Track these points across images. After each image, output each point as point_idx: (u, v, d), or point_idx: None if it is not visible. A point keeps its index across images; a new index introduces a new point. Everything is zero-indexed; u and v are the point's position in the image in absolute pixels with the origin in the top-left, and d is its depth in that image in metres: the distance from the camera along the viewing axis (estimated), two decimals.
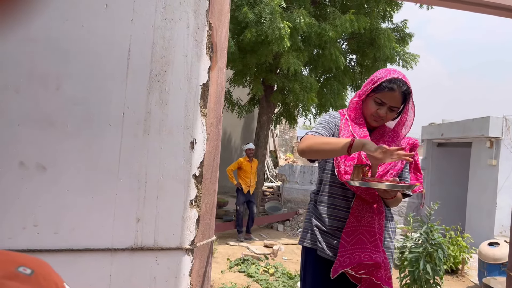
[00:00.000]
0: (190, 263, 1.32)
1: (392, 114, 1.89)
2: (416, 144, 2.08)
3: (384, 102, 1.82)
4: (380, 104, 1.83)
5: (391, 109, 1.84)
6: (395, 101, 1.81)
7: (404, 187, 1.75)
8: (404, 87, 1.80)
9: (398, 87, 1.79)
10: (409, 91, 1.82)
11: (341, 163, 1.87)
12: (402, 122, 1.95)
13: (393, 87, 1.78)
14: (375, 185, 1.70)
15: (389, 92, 1.79)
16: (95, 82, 1.22)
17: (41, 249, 1.18)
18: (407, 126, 1.96)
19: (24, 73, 1.16)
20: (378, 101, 1.83)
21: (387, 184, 1.70)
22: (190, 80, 1.30)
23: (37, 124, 1.18)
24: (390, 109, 1.84)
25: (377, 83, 1.82)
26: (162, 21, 1.27)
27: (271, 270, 5.94)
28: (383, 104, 1.82)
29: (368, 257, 1.81)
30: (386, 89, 1.80)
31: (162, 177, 1.28)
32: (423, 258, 4.82)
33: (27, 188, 1.17)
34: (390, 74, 1.82)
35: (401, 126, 1.96)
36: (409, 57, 9.03)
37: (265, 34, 7.19)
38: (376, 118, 1.90)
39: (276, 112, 10.72)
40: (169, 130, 1.28)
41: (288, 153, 20.35)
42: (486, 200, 8.46)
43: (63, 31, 1.20)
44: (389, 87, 1.79)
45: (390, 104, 1.81)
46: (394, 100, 1.81)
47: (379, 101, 1.83)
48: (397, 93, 1.80)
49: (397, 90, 1.79)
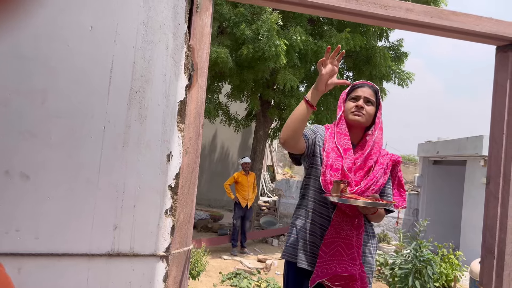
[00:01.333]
0: (165, 270, 1.39)
1: (370, 108, 2.07)
2: (399, 161, 2.17)
3: (358, 96, 2.07)
4: (356, 99, 2.08)
5: (367, 100, 2.07)
6: (368, 93, 2.08)
7: (381, 205, 1.83)
8: (373, 87, 2.12)
9: (366, 85, 2.12)
10: (376, 88, 2.13)
11: (327, 172, 1.96)
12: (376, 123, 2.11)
13: (362, 84, 2.12)
14: (353, 201, 1.77)
15: (359, 88, 2.10)
16: (79, 97, 1.31)
17: (22, 253, 1.26)
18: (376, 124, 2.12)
19: (12, 88, 1.25)
20: (353, 97, 2.09)
21: (364, 201, 1.78)
22: (168, 97, 1.40)
23: (22, 135, 1.26)
24: (367, 100, 2.07)
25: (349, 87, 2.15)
26: (143, 42, 1.37)
27: (263, 284, 5.96)
28: (358, 97, 2.07)
29: (343, 269, 1.88)
30: (356, 86, 2.12)
31: (139, 187, 1.36)
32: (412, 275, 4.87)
33: (10, 195, 1.25)
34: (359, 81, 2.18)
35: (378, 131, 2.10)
36: (404, 75, 9.18)
37: (262, 51, 7.35)
38: (356, 111, 2.07)
39: (273, 127, 10.83)
40: (147, 143, 1.37)
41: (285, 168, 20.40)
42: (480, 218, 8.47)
43: (51, 50, 1.29)
44: (359, 85, 2.12)
45: (364, 95, 2.06)
46: (367, 92, 2.08)
47: (354, 96, 2.09)
48: (366, 88, 2.09)
49: (366, 86, 2.11)
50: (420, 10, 1.78)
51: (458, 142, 9.36)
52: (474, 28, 1.84)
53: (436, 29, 1.83)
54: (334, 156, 1.99)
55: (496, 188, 1.93)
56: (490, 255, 1.95)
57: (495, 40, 1.94)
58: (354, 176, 1.99)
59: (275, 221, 10.94)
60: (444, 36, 1.90)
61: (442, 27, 1.81)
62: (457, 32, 1.86)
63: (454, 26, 1.82)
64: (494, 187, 1.94)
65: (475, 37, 1.91)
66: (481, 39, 1.92)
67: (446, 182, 10.80)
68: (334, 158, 1.98)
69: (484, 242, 2.00)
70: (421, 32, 1.87)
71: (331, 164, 1.97)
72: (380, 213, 2.05)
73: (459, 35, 1.89)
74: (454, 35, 1.88)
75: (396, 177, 2.21)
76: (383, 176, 2.07)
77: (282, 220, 11.53)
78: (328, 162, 1.97)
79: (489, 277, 1.92)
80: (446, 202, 10.45)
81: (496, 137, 1.95)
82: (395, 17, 1.76)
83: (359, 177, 2.00)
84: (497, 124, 1.95)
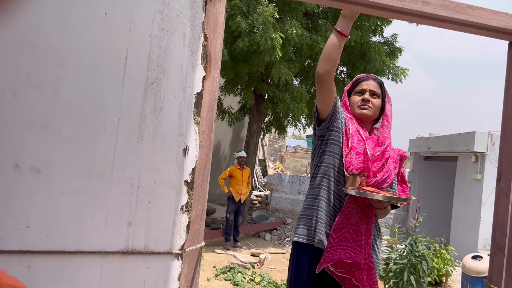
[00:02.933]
0: (179, 268, 1.35)
1: (376, 101, 2.05)
2: (405, 156, 2.14)
3: (364, 89, 2.05)
4: (361, 93, 2.06)
5: (373, 93, 2.05)
6: (373, 86, 2.06)
7: (400, 199, 1.78)
8: (377, 79, 2.10)
9: (371, 78, 2.10)
10: (380, 80, 2.11)
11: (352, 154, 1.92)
12: (387, 114, 2.10)
13: (366, 77, 2.10)
14: (371, 195, 1.73)
15: (364, 81, 2.08)
16: (92, 88, 1.25)
17: (32, 250, 1.20)
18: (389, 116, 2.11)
19: (22, 78, 1.19)
20: (359, 91, 2.07)
21: (384, 195, 1.73)
22: (185, 89, 1.34)
23: (33, 127, 1.20)
24: (372, 93, 2.05)
25: (353, 81, 2.13)
26: (159, 31, 1.31)
27: (257, 279, 5.94)
28: (364, 91, 2.05)
29: (348, 255, 1.82)
30: (361, 79, 2.10)
31: (155, 182, 1.31)
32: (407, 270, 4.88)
33: (21, 190, 1.19)
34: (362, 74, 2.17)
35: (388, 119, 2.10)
36: (398, 71, 9.19)
37: (257, 44, 7.27)
38: (363, 104, 2.04)
39: (266, 121, 10.79)
40: (163, 137, 1.32)
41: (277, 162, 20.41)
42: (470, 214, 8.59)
43: (62, 37, 1.23)
44: (363, 78, 2.10)
45: (370, 88, 2.05)
46: (372, 85, 2.06)
47: (359, 90, 2.07)
48: (371, 81, 2.07)
49: (370, 79, 2.08)
50: (437, 3, 1.75)
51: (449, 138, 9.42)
52: (490, 22, 1.81)
53: (452, 23, 1.80)
54: (356, 140, 1.95)
55: (507, 185, 1.92)
56: (500, 252, 1.93)
57: (509, 35, 1.92)
58: (372, 166, 1.94)
59: (268, 216, 10.92)
60: (458, 30, 1.87)
61: (458, 21, 1.78)
62: (472, 26, 1.83)
63: (470, 20, 1.79)
64: (505, 184, 1.93)
65: (489, 32, 1.89)
66: (495, 34, 1.89)
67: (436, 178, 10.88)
68: (357, 141, 1.94)
69: (493, 239, 1.99)
70: (437, 26, 1.84)
71: (355, 146, 1.93)
72: (387, 209, 2.02)
73: (473, 30, 1.87)
74: (469, 29, 1.85)
75: (399, 173, 2.19)
76: (393, 170, 2.05)
77: (274, 214, 11.52)
78: (353, 144, 1.93)
79: (499, 274, 1.91)
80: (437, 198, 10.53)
81: (508, 133, 1.93)
82: (411, 10, 1.72)
83: (376, 168, 1.96)
84: (509, 120, 1.93)
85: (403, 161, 2.16)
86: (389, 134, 2.05)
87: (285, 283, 5.82)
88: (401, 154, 2.12)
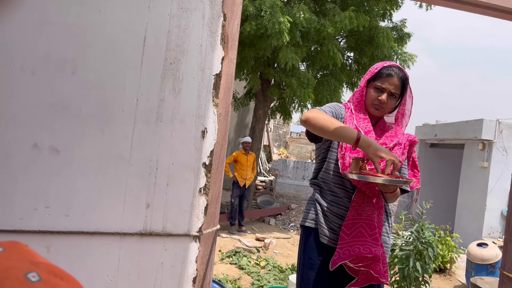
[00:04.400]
0: (197, 250, 1.35)
1: (392, 102, 1.95)
2: (415, 141, 2.11)
3: (384, 88, 1.90)
4: (380, 91, 1.91)
5: (391, 94, 1.91)
6: (394, 86, 1.90)
7: (401, 182, 1.77)
8: (401, 73, 1.92)
9: (396, 73, 1.90)
10: (406, 77, 1.94)
11: (346, 155, 1.89)
12: (401, 112, 2.00)
13: (391, 72, 1.90)
14: (373, 179, 1.72)
15: (388, 77, 1.90)
16: (110, 68, 1.23)
17: (52, 230, 1.20)
18: (406, 115, 2.00)
19: (41, 56, 1.17)
20: (378, 88, 1.92)
21: (385, 178, 1.72)
22: (204, 69, 1.32)
23: (52, 107, 1.19)
24: (391, 94, 1.91)
25: (377, 71, 1.93)
26: (178, 9, 1.28)
27: (262, 263, 5.99)
28: (383, 90, 1.90)
29: (368, 250, 1.83)
30: (384, 75, 1.90)
31: (173, 164, 1.30)
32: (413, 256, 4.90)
33: (39, 170, 1.18)
34: (387, 64, 1.95)
35: (400, 117, 2.00)
36: (406, 57, 9.10)
37: (264, 28, 7.19)
38: (377, 106, 1.95)
39: (271, 106, 10.74)
40: (181, 118, 1.30)
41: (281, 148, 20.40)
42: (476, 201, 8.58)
43: (81, 15, 1.20)
44: (388, 73, 1.90)
45: (390, 89, 1.90)
46: (394, 84, 1.90)
47: (379, 87, 1.91)
48: (395, 78, 1.90)
49: (395, 75, 1.89)
50: None
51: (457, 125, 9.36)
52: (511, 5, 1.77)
53: (471, 5, 1.76)
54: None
55: None
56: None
57: None
58: None
59: (272, 201, 10.97)
60: (479, 13, 1.83)
61: (479, 3, 1.74)
62: (493, 9, 1.78)
63: (492, 3, 1.75)
64: None
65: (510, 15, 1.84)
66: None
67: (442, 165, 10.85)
68: None
69: (508, 226, 1.98)
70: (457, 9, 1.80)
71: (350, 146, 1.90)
72: (396, 192, 2.01)
73: (494, 13, 1.82)
74: (491, 12, 1.81)
75: (411, 158, 2.16)
76: (401, 156, 2.02)
77: (279, 199, 11.56)
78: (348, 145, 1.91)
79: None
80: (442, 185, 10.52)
81: None
82: None
83: None
84: None
85: (413, 146, 2.12)
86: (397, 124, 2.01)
87: (290, 267, 5.86)
88: (410, 139, 2.08)
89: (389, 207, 2.14)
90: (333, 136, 1.78)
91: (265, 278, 5.23)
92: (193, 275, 1.36)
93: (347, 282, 1.91)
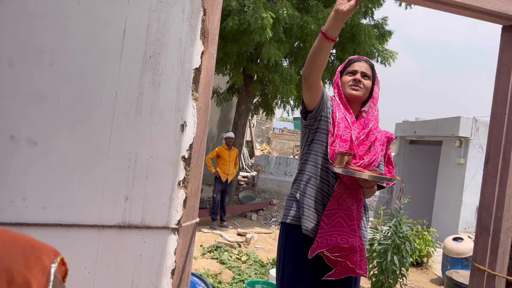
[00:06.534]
0: (176, 242, 1.36)
1: (367, 82, 2.08)
2: (392, 138, 2.18)
3: (355, 70, 2.07)
4: (353, 74, 2.08)
5: (364, 74, 2.07)
6: (365, 67, 2.08)
7: (386, 179, 1.83)
8: (368, 61, 2.14)
9: (363, 60, 2.12)
10: (371, 63, 2.14)
11: (336, 142, 1.93)
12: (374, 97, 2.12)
13: (358, 59, 2.12)
14: (358, 174, 1.76)
15: (356, 62, 2.10)
16: (89, 60, 1.23)
17: (29, 223, 1.20)
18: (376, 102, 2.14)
19: (18, 47, 1.16)
20: (351, 72, 2.09)
21: (370, 175, 1.77)
22: (183, 64, 1.33)
23: (29, 99, 1.18)
24: (363, 75, 2.07)
25: (346, 61, 2.16)
26: (158, 3, 1.29)
27: (243, 257, 6.02)
28: (355, 72, 2.07)
29: (344, 240, 1.87)
30: (353, 61, 2.11)
31: (152, 157, 1.31)
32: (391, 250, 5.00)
33: (16, 162, 1.18)
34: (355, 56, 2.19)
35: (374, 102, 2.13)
36: (387, 54, 9.21)
37: (247, 23, 7.20)
38: (354, 85, 2.07)
39: (254, 102, 10.76)
40: (161, 112, 1.31)
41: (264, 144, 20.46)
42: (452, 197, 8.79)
43: (59, 7, 1.20)
44: (355, 60, 2.12)
45: (361, 70, 2.06)
46: (364, 66, 2.08)
47: (351, 71, 2.09)
48: (363, 62, 2.10)
49: (363, 60, 2.11)
50: None
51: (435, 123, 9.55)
52: (485, 6, 1.83)
53: (446, 4, 1.81)
54: (343, 127, 1.97)
55: (495, 167, 1.96)
56: (485, 232, 1.99)
57: (503, 19, 1.93)
58: (358, 150, 1.98)
59: (254, 196, 11.01)
60: (453, 13, 1.88)
61: (453, 3, 1.79)
62: (468, 9, 1.84)
63: (465, 3, 1.80)
64: (493, 166, 1.97)
65: (484, 15, 1.90)
66: (489, 17, 1.91)
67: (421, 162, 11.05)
68: (343, 129, 1.96)
69: (479, 220, 2.04)
70: (431, 8, 1.84)
71: (341, 134, 1.95)
72: (373, 188, 2.06)
73: (468, 12, 1.88)
74: (464, 12, 1.86)
75: (386, 154, 2.22)
76: (381, 152, 2.08)
77: (261, 195, 11.61)
78: (339, 132, 1.95)
79: (483, 254, 1.97)
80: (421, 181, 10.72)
81: (497, 117, 1.97)
82: None
83: (362, 151, 1.99)
84: (500, 104, 1.96)
85: (390, 143, 2.19)
86: (374, 117, 2.07)
87: (271, 261, 5.92)
88: (388, 136, 2.15)
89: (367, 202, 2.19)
90: (313, 49, 1.81)
91: (246, 272, 5.26)
92: (172, 267, 1.38)
93: (325, 274, 1.94)
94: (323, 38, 1.74)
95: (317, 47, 1.80)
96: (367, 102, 2.10)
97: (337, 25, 1.72)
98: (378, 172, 1.90)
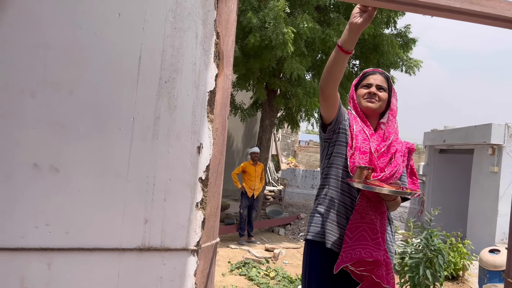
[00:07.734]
0: (195, 264, 1.37)
1: (383, 94, 2.06)
2: (413, 149, 2.14)
3: (370, 83, 2.06)
4: (368, 87, 2.07)
5: (379, 87, 2.05)
6: (380, 80, 2.07)
7: (406, 194, 1.80)
8: (383, 73, 2.12)
9: (377, 72, 2.11)
10: (387, 74, 2.13)
11: (355, 155, 1.92)
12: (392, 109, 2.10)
13: (373, 72, 2.11)
14: (378, 189, 1.74)
15: (371, 75, 2.09)
16: (107, 88, 1.27)
17: (52, 247, 1.23)
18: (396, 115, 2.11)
19: (39, 79, 1.21)
20: (365, 85, 2.08)
21: (389, 190, 1.75)
22: (198, 87, 1.35)
23: (51, 127, 1.23)
24: (379, 87, 2.05)
25: (360, 75, 2.15)
26: (172, 30, 1.32)
27: (271, 273, 5.97)
28: (370, 85, 2.06)
29: (368, 254, 1.84)
30: (367, 74, 2.11)
31: (170, 180, 1.33)
32: (423, 264, 4.85)
33: (40, 189, 1.22)
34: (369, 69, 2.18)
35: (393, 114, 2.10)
36: (412, 63, 9.09)
37: (268, 39, 7.27)
38: (369, 98, 2.05)
39: (278, 116, 10.77)
40: (177, 135, 1.33)
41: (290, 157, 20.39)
42: (487, 207, 8.48)
43: (77, 38, 1.25)
44: (370, 72, 2.12)
45: (376, 83, 2.05)
46: (378, 79, 2.07)
47: (365, 84, 2.08)
48: (378, 75, 2.09)
49: (377, 73, 2.10)
50: None
51: (465, 131, 9.30)
52: (505, 13, 1.78)
53: (466, 14, 1.77)
54: (361, 139, 1.96)
55: None
56: None
57: None
58: (379, 162, 1.95)
59: (281, 210, 10.94)
60: (473, 22, 1.84)
61: (473, 12, 1.75)
62: (487, 17, 1.80)
63: (485, 12, 1.76)
64: None
65: (505, 23, 1.85)
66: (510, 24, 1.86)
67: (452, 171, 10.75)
68: (362, 141, 1.95)
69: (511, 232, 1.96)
70: (451, 18, 1.81)
71: (359, 146, 1.94)
72: (397, 200, 2.03)
73: (488, 21, 1.83)
74: (484, 20, 1.82)
75: (409, 165, 2.19)
76: (402, 164, 2.05)
77: (288, 209, 11.53)
78: (357, 144, 1.94)
79: None
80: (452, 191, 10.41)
81: None
82: (425, 2, 1.70)
83: (383, 163, 1.97)
84: None
85: (411, 153, 2.16)
86: (394, 129, 2.05)
87: (299, 277, 5.84)
88: (409, 147, 2.13)
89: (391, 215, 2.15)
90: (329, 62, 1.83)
91: None
92: None
93: None
94: (339, 50, 1.77)
95: (333, 60, 1.82)
96: (384, 114, 2.09)
97: (353, 38, 1.75)
98: (399, 185, 1.87)
